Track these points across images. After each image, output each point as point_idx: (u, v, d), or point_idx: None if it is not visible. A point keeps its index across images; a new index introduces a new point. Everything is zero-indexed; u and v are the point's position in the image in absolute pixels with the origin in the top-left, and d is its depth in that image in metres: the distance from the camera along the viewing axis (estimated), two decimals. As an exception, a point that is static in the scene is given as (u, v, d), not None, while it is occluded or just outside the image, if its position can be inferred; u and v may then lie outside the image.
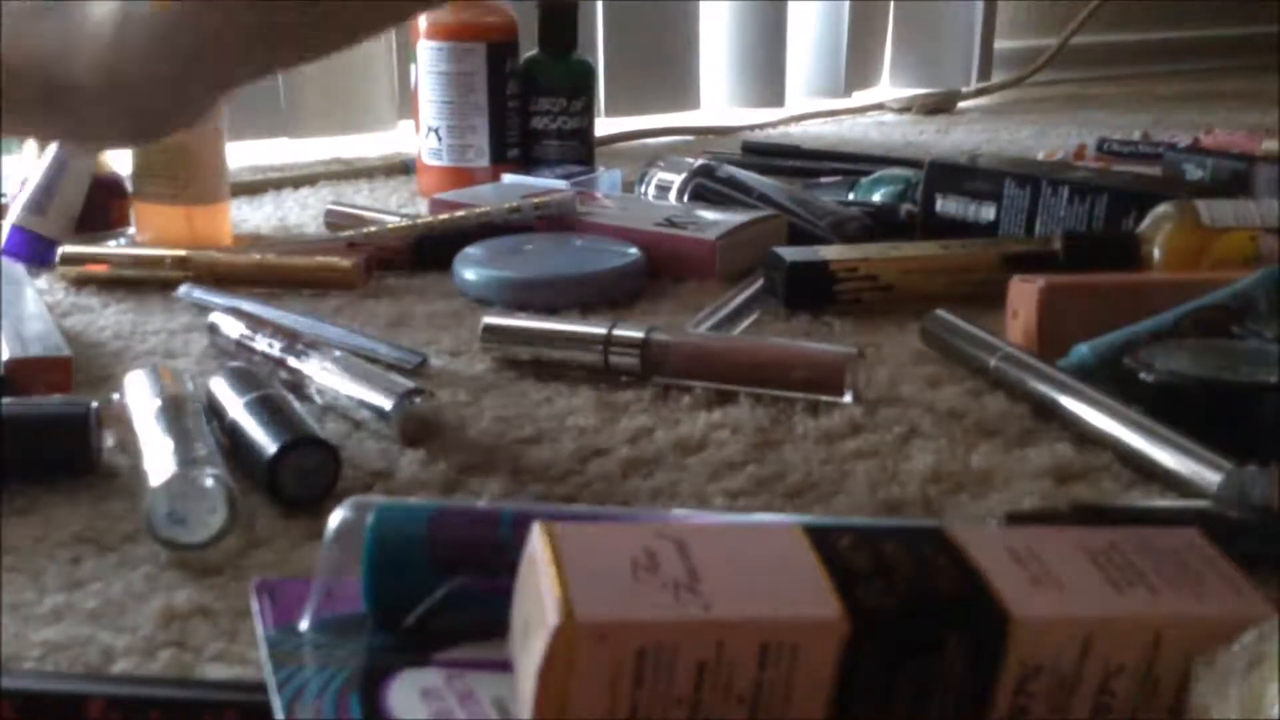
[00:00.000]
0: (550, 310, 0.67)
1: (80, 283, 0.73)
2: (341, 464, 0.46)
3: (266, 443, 0.45)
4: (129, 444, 0.48)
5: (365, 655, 0.33)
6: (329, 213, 0.87)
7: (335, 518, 0.35)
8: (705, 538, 0.30)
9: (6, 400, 0.48)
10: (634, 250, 0.73)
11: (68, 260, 0.74)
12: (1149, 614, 0.29)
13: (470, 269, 0.71)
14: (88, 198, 0.81)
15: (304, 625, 0.34)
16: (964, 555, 0.30)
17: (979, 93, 1.73)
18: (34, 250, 0.76)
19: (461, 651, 0.33)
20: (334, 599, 0.35)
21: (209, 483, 0.42)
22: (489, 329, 0.60)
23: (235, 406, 0.49)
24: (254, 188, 1.03)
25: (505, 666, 0.31)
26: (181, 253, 0.73)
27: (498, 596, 0.31)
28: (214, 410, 0.50)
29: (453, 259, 0.73)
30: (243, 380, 0.50)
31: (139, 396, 0.50)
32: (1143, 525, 0.33)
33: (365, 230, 0.80)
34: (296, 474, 0.45)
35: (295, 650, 0.33)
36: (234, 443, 0.48)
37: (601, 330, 0.58)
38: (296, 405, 0.49)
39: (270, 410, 0.48)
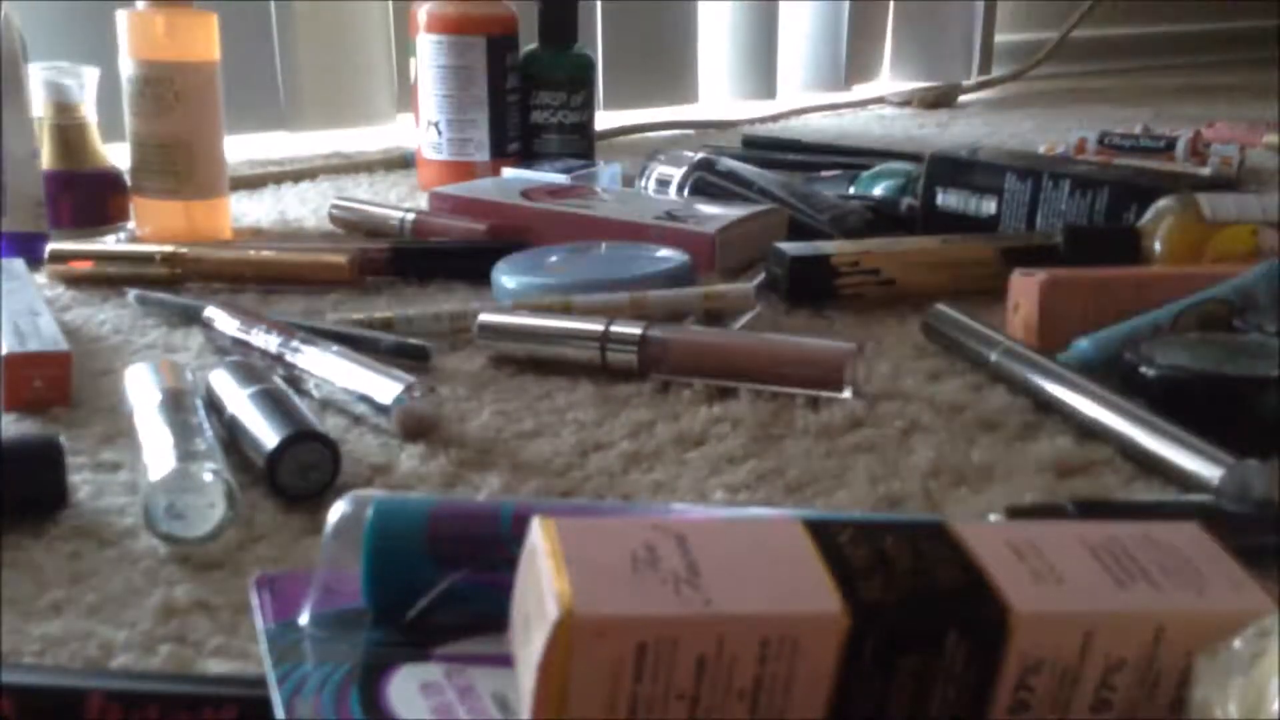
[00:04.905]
0: None
1: (72, 280, 0.73)
2: (341, 458, 0.46)
3: (266, 437, 0.45)
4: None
5: (365, 650, 0.33)
6: (334, 208, 0.87)
7: (335, 512, 0.35)
8: (705, 532, 0.30)
9: None
10: (672, 252, 0.70)
11: (55, 258, 0.73)
12: (1150, 609, 0.29)
13: (510, 278, 0.67)
14: (88, 193, 0.81)
15: (304, 620, 0.34)
16: (965, 550, 0.30)
17: (980, 86, 1.72)
18: (14, 250, 0.74)
19: (461, 646, 0.33)
20: (334, 593, 0.35)
21: (208, 477, 0.42)
22: (484, 326, 0.60)
23: (235, 401, 0.48)
24: (253, 182, 1.03)
25: (505, 661, 0.31)
26: (169, 249, 0.72)
27: (497, 591, 0.31)
28: (213, 404, 0.50)
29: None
30: (242, 374, 0.50)
31: (139, 391, 0.49)
32: (1144, 519, 0.33)
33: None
34: (296, 468, 0.45)
35: (295, 645, 0.33)
36: (233, 437, 0.48)
37: (599, 326, 0.58)
38: (296, 400, 0.49)
39: (270, 404, 0.48)
